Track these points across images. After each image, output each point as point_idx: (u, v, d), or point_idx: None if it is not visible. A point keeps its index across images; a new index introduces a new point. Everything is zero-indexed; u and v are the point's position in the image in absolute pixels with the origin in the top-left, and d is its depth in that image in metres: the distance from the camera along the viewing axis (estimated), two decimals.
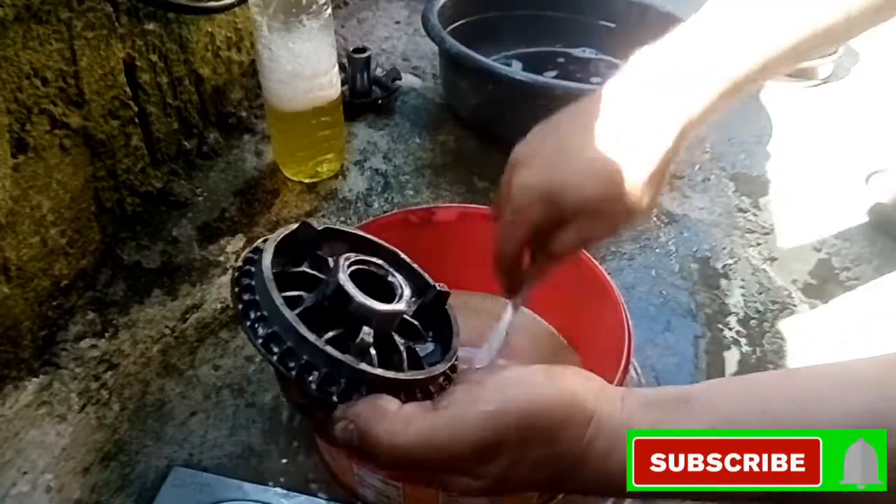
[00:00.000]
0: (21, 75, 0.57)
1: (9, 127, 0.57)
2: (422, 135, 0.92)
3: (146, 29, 0.72)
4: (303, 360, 0.33)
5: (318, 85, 0.75)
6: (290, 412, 0.58)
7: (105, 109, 0.68)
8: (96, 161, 0.68)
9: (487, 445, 0.32)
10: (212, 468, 0.54)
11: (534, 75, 0.80)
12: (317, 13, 0.71)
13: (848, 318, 0.69)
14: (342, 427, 0.34)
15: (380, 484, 0.47)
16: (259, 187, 0.82)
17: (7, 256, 0.58)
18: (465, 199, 0.82)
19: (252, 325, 0.34)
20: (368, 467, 0.46)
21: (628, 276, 0.73)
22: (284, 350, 0.33)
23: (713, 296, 0.71)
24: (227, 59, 0.87)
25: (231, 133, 0.90)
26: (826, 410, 0.31)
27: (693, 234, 0.79)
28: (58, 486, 0.53)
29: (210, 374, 0.62)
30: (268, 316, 0.33)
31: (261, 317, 0.34)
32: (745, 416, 0.32)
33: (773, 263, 0.76)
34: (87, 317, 0.66)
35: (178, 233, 0.76)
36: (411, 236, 0.57)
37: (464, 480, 0.34)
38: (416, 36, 1.16)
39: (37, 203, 0.61)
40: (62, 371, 0.61)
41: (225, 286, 0.70)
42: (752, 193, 0.86)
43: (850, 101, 1.04)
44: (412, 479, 0.44)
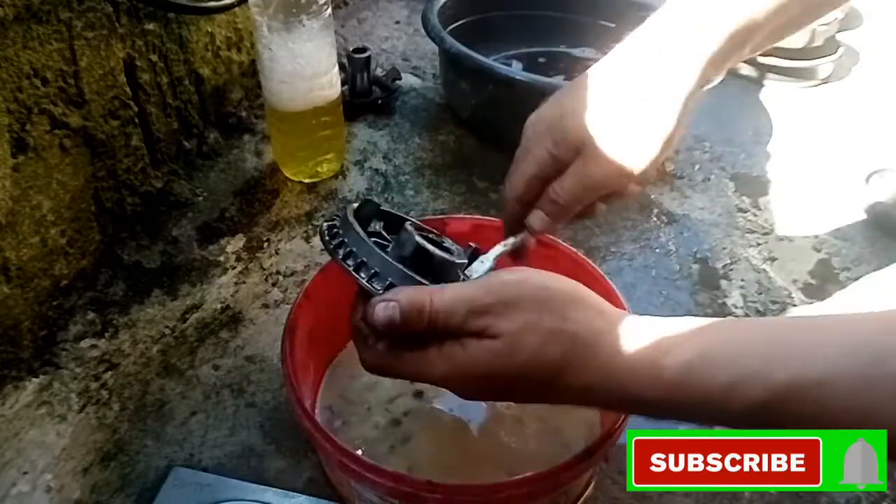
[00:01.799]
0: (21, 75, 0.57)
1: (9, 127, 0.57)
2: (422, 135, 0.92)
3: (146, 29, 0.72)
4: (373, 271, 0.39)
5: (318, 85, 0.75)
6: (290, 413, 0.58)
7: (105, 109, 0.68)
8: (96, 161, 0.68)
9: (509, 299, 0.36)
10: (212, 468, 0.54)
11: (534, 75, 0.80)
12: (317, 13, 0.71)
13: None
14: (382, 306, 0.37)
15: (377, 500, 0.46)
16: (259, 187, 0.82)
17: (7, 256, 0.58)
18: (465, 199, 0.82)
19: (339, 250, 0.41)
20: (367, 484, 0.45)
21: (628, 276, 0.73)
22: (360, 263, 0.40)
23: (713, 296, 0.71)
24: (227, 59, 0.87)
25: (231, 133, 0.90)
26: (828, 339, 0.32)
27: (693, 234, 0.79)
28: (58, 486, 0.53)
29: (210, 374, 0.62)
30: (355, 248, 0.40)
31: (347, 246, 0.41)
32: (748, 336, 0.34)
33: (773, 263, 0.76)
34: (87, 317, 0.66)
35: (178, 233, 0.76)
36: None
37: (483, 344, 0.36)
38: (416, 36, 1.16)
39: (37, 203, 0.61)
40: (62, 371, 0.61)
41: (225, 286, 0.70)
42: (752, 193, 0.86)
43: (850, 101, 1.04)
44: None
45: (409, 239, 0.42)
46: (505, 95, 0.83)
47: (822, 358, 0.31)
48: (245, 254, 0.74)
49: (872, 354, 0.30)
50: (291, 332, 0.50)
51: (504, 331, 0.35)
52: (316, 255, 0.74)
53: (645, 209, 0.81)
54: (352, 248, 0.40)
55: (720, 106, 1.00)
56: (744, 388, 0.32)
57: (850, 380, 0.30)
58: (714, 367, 0.33)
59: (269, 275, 0.72)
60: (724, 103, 1.00)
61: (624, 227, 0.79)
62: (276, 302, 0.69)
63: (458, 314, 0.36)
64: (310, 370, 0.55)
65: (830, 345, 0.31)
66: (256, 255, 0.74)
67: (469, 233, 0.60)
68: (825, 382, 0.30)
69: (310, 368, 0.55)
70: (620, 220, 0.80)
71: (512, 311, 0.36)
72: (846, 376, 0.30)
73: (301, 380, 0.49)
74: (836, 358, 0.31)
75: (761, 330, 0.35)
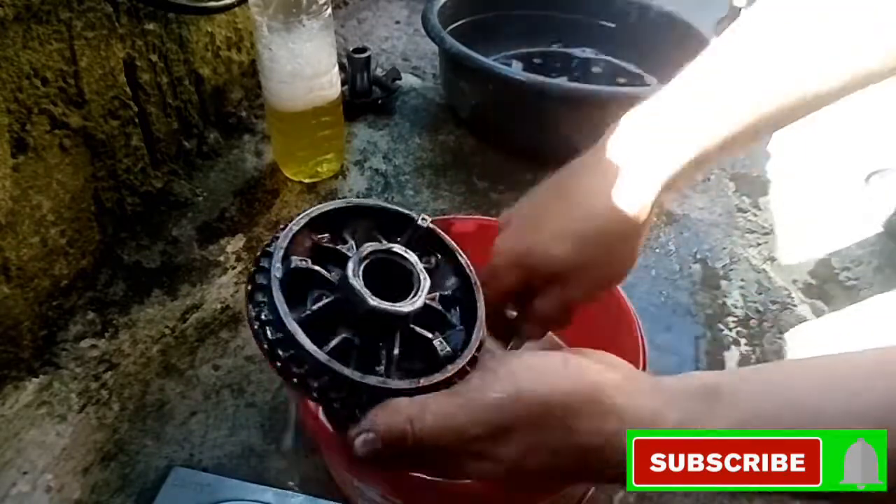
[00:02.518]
0: (21, 75, 0.57)
1: (9, 127, 0.57)
2: (422, 135, 0.92)
3: (146, 29, 0.72)
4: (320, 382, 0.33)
5: (318, 85, 0.75)
6: (290, 412, 0.58)
7: (105, 109, 0.68)
8: (96, 161, 0.68)
9: (501, 427, 0.33)
10: (212, 468, 0.54)
11: (534, 75, 0.80)
12: (317, 13, 0.71)
13: (848, 319, 0.69)
14: (361, 440, 0.34)
15: (378, 498, 0.46)
16: (259, 187, 0.82)
17: (7, 256, 0.58)
18: (464, 199, 0.82)
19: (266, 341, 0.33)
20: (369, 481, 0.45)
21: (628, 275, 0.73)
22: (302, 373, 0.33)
23: (713, 296, 0.71)
24: (227, 59, 0.87)
25: (231, 133, 0.90)
26: (859, 400, 0.31)
27: (693, 234, 0.79)
28: (58, 486, 0.53)
29: (210, 374, 0.62)
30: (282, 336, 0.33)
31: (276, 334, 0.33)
32: (776, 411, 0.32)
33: (773, 263, 0.76)
34: (87, 317, 0.66)
35: (178, 233, 0.76)
36: None
37: (485, 464, 0.33)
38: (416, 36, 1.16)
39: (37, 203, 0.61)
40: (62, 371, 0.61)
41: (225, 286, 0.70)
42: (752, 193, 0.86)
43: (850, 100, 1.04)
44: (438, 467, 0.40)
45: (360, 301, 0.34)
46: (505, 95, 0.83)
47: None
48: (245, 254, 0.74)
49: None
50: None
51: (503, 457, 0.33)
52: None
53: None
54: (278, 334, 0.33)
55: None
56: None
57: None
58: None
59: None
60: None
61: None
62: None
63: (446, 441, 0.33)
64: None
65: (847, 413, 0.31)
66: (256, 255, 0.74)
67: (474, 233, 0.60)
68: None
69: None
70: None
71: (513, 436, 0.33)
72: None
73: None
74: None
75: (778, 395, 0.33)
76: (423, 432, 0.33)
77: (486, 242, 0.51)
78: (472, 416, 0.33)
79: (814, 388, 0.33)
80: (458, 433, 0.33)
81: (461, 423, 0.33)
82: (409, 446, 0.33)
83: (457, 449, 0.33)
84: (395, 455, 0.34)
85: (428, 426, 0.33)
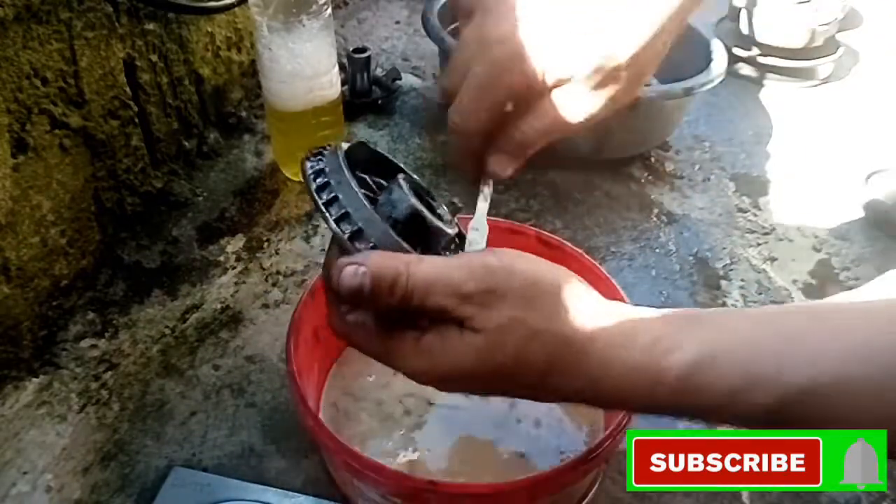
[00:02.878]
0: (21, 75, 0.57)
1: (9, 127, 0.57)
2: (422, 135, 0.92)
3: (146, 29, 0.72)
4: (357, 227, 0.35)
5: (318, 85, 0.75)
6: (291, 412, 0.58)
7: (105, 109, 0.68)
8: (96, 161, 0.68)
9: (494, 290, 0.33)
10: (212, 468, 0.54)
11: None
12: (317, 13, 0.71)
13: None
14: (351, 269, 0.33)
15: (379, 498, 0.46)
16: (259, 187, 0.82)
17: (7, 256, 0.58)
18: (464, 199, 0.82)
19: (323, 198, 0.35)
20: (369, 483, 0.45)
21: (628, 276, 0.73)
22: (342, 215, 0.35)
23: (713, 296, 0.71)
24: (227, 59, 0.87)
25: (231, 133, 0.90)
26: (841, 337, 0.31)
27: (693, 234, 0.79)
28: (58, 486, 0.53)
29: (210, 374, 0.62)
30: (341, 197, 0.35)
31: (334, 196, 0.35)
32: (758, 334, 0.33)
33: (773, 263, 0.76)
34: (87, 317, 0.66)
35: (178, 233, 0.76)
36: None
37: (466, 336, 0.33)
38: (416, 36, 1.16)
39: (37, 203, 0.61)
40: (62, 371, 0.61)
41: (225, 286, 0.70)
42: (752, 193, 0.86)
43: (850, 101, 1.04)
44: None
45: (403, 199, 0.36)
46: None
47: (834, 360, 0.30)
48: (245, 254, 0.74)
49: (887, 355, 0.29)
50: (296, 330, 0.50)
51: (487, 325, 0.33)
52: (316, 255, 0.74)
53: (645, 209, 0.81)
54: (336, 195, 0.35)
55: (720, 106, 1.00)
56: (753, 392, 0.31)
57: (863, 384, 0.29)
58: (721, 369, 0.31)
59: (269, 275, 0.72)
60: (724, 103, 1.00)
61: (624, 227, 0.79)
62: (276, 302, 0.69)
63: (436, 295, 0.33)
64: (314, 369, 0.55)
65: (842, 344, 0.30)
66: (256, 255, 0.74)
67: None
68: (838, 386, 0.29)
69: (314, 367, 0.55)
70: (620, 220, 0.80)
71: (497, 303, 0.33)
72: (859, 381, 0.29)
73: (305, 378, 0.49)
74: (849, 359, 0.30)
75: (769, 326, 0.33)
76: (416, 278, 0.32)
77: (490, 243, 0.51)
78: (469, 271, 0.33)
79: (801, 318, 0.33)
80: (450, 284, 0.33)
81: (457, 276, 0.33)
82: (397, 295, 0.32)
83: (443, 305, 0.33)
84: (377, 304, 0.33)
85: (421, 272, 0.33)
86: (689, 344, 0.32)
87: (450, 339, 0.33)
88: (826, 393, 0.30)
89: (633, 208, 0.81)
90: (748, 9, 1.04)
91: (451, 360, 0.34)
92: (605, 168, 0.85)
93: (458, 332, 0.33)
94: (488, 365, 0.33)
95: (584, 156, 0.82)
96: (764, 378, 0.31)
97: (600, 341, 0.33)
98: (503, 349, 0.33)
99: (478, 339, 0.33)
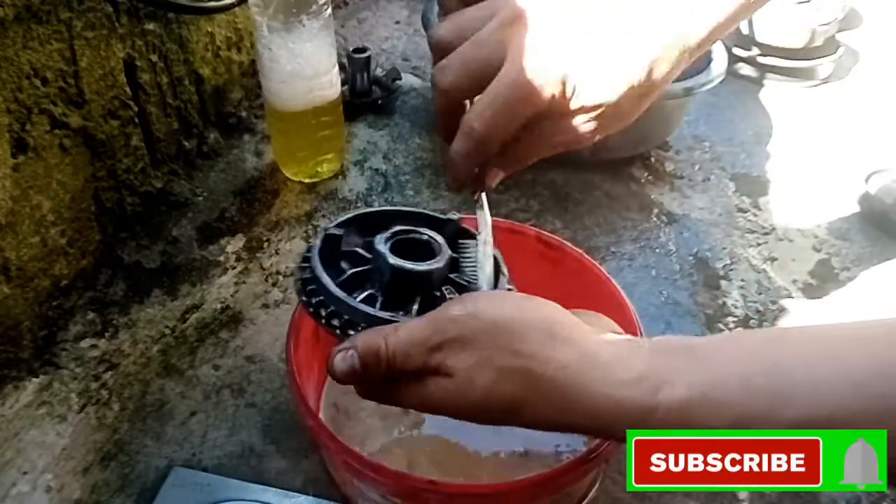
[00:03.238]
0: (21, 75, 0.57)
1: (9, 127, 0.57)
2: (422, 135, 0.92)
3: (146, 29, 0.72)
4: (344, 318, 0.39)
5: (318, 85, 0.75)
6: (290, 413, 0.58)
7: (105, 109, 0.68)
8: (96, 161, 0.68)
9: (458, 338, 0.36)
10: (212, 468, 0.54)
11: None
12: (317, 13, 0.71)
13: (848, 319, 0.69)
14: (340, 356, 0.38)
15: (379, 498, 0.46)
16: (259, 187, 0.82)
17: (7, 256, 0.58)
18: (465, 199, 0.82)
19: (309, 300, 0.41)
20: (369, 482, 0.45)
21: (628, 276, 0.73)
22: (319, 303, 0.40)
23: (713, 296, 0.71)
24: (227, 59, 0.87)
25: (231, 133, 0.90)
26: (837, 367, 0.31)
27: (693, 234, 0.79)
28: (58, 486, 0.53)
29: (210, 374, 0.62)
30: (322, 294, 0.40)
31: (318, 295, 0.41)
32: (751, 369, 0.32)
33: (773, 263, 0.76)
34: (87, 317, 0.66)
35: (178, 233, 0.76)
36: None
37: (441, 381, 0.36)
38: (416, 36, 1.16)
39: (37, 203, 0.61)
40: (62, 371, 0.61)
41: (225, 286, 0.70)
42: (752, 193, 0.86)
43: (850, 101, 1.04)
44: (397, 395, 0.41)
45: (385, 263, 0.41)
46: None
47: (832, 394, 0.30)
48: (245, 254, 0.74)
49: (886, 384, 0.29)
50: (296, 330, 0.50)
51: (456, 368, 0.36)
52: None
53: (645, 209, 0.82)
54: (321, 297, 0.40)
55: (720, 106, 1.00)
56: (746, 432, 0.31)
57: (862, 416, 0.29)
58: (714, 408, 0.31)
59: (269, 275, 0.72)
60: (724, 103, 1.00)
61: (624, 227, 0.79)
62: (276, 302, 0.69)
63: (413, 355, 0.36)
64: (314, 369, 0.55)
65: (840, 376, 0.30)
66: (256, 255, 0.74)
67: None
68: (836, 420, 0.29)
69: (314, 367, 0.55)
70: (620, 220, 0.80)
71: (466, 347, 0.36)
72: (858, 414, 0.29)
73: (305, 378, 0.49)
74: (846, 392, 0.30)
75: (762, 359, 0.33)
76: (394, 345, 0.37)
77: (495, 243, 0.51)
78: (435, 326, 0.37)
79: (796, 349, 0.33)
80: (422, 342, 0.36)
81: (425, 334, 0.37)
82: (382, 364, 0.37)
83: (420, 362, 0.36)
84: (369, 375, 0.37)
85: (398, 339, 0.37)
86: (678, 382, 0.32)
87: (428, 384, 0.37)
88: (823, 427, 0.30)
89: (633, 208, 0.81)
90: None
91: (433, 400, 0.37)
92: (605, 168, 0.85)
93: (435, 379, 0.37)
94: (463, 402, 0.36)
95: (584, 156, 0.82)
96: (758, 417, 0.31)
97: (577, 374, 0.34)
98: (473, 389, 0.36)
99: (450, 382, 0.36)
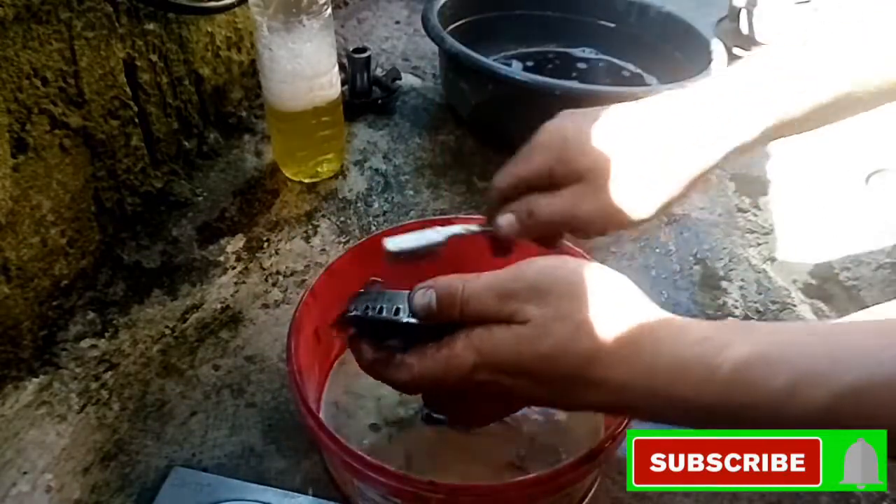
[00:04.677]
0: (21, 75, 0.57)
1: (9, 127, 0.57)
2: (422, 135, 0.92)
3: (146, 29, 0.72)
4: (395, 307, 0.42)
5: (318, 85, 0.75)
6: (290, 413, 0.58)
7: (105, 109, 0.68)
8: (96, 161, 0.68)
9: (540, 288, 0.36)
10: (212, 468, 0.54)
11: (534, 75, 0.80)
12: (317, 13, 0.71)
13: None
14: (421, 292, 0.39)
15: (379, 498, 0.46)
16: (259, 187, 0.82)
17: (7, 256, 0.58)
18: (464, 199, 0.82)
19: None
20: (369, 483, 0.45)
21: (628, 276, 0.72)
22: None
23: (713, 296, 0.71)
24: (227, 59, 0.87)
25: (231, 133, 0.90)
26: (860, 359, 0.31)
27: (693, 234, 0.79)
28: (58, 486, 0.53)
29: (210, 374, 0.62)
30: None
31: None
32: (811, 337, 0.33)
33: (773, 263, 0.76)
34: (87, 317, 0.66)
35: (178, 233, 0.76)
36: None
37: (514, 328, 0.36)
38: (416, 36, 1.16)
39: (37, 203, 0.61)
40: (62, 371, 0.61)
41: (225, 286, 0.70)
42: (752, 193, 0.86)
43: None
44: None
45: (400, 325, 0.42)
46: (505, 95, 0.83)
47: (890, 359, 0.30)
48: (245, 254, 0.74)
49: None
50: (297, 330, 0.50)
51: (532, 316, 0.35)
52: (316, 255, 0.74)
53: None
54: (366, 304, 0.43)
55: None
56: (807, 390, 0.30)
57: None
58: (774, 365, 0.31)
59: (269, 275, 0.72)
60: None
61: None
62: (276, 302, 0.69)
63: (487, 300, 0.37)
64: (314, 369, 0.55)
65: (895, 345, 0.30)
66: (256, 255, 0.74)
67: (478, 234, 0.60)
68: (891, 386, 0.29)
69: (314, 368, 0.55)
70: None
71: (543, 297, 0.36)
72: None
73: (305, 378, 0.49)
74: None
75: (818, 332, 0.34)
76: (471, 288, 0.37)
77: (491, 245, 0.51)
78: (516, 275, 0.37)
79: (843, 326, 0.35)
80: (501, 288, 0.37)
81: (504, 280, 0.37)
82: (457, 310, 0.37)
83: (494, 309, 0.36)
84: (442, 317, 0.38)
85: (476, 284, 0.37)
86: (741, 342, 0.32)
87: (496, 331, 0.36)
88: (882, 391, 0.29)
89: None
90: (748, 9, 1.04)
91: (497, 350, 0.36)
92: None
93: (506, 325, 0.36)
94: (530, 352, 0.35)
95: None
96: (820, 374, 0.30)
97: (652, 335, 0.34)
98: (548, 336, 0.35)
99: (523, 328, 0.35)
